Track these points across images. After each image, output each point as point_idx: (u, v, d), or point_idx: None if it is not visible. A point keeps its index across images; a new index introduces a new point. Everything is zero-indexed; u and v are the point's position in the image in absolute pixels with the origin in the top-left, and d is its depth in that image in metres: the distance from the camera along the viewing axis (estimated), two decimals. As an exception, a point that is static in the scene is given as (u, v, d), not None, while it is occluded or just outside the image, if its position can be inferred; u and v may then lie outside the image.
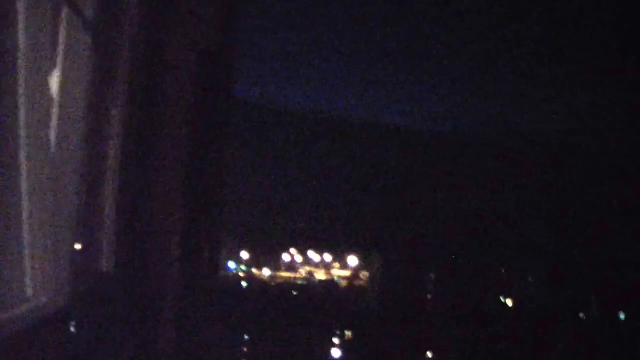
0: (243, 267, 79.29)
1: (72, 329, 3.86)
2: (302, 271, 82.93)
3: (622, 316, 56.10)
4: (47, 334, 3.58)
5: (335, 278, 79.29)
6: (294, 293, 67.79)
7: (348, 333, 58.79)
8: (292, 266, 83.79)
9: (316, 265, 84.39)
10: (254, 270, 79.86)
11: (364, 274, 76.24)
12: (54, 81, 3.74)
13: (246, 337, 56.86)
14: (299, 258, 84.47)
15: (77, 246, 3.96)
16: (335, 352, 57.20)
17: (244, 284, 71.43)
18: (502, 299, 61.75)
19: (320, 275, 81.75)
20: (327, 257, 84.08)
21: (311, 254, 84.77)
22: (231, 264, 76.51)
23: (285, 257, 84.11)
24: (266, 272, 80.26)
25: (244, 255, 79.69)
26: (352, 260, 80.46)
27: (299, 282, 76.95)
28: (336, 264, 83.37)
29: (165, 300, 5.58)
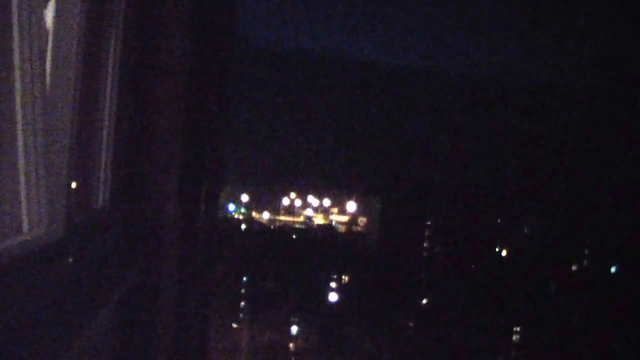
0: (243, 209, 79.45)
1: (68, 260, 3.91)
2: (302, 215, 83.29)
3: (613, 269, 56.67)
4: (42, 265, 3.62)
5: (334, 223, 79.70)
6: (293, 237, 68.18)
7: (345, 278, 59.37)
8: (291, 210, 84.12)
9: (315, 209, 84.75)
10: (253, 213, 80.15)
11: (362, 220, 76.63)
12: (49, 16, 3.72)
13: (245, 278, 57.41)
14: (298, 202, 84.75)
15: (73, 180, 3.99)
16: (333, 296, 57.81)
17: (243, 226, 71.79)
18: (497, 248, 62.23)
19: (319, 220, 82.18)
20: (327, 201, 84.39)
21: (311, 198, 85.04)
22: (231, 206, 76.64)
23: (285, 201, 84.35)
24: (266, 215, 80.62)
25: (244, 197, 79.77)
26: (351, 205, 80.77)
27: (298, 226, 77.31)
28: (335, 209, 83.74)
29: (164, 236, 5.63)
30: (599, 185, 66.79)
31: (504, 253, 62.34)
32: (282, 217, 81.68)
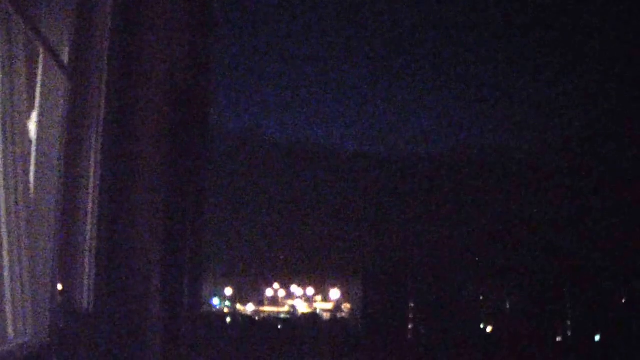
0: (227, 302, 79.19)
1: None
2: (286, 305, 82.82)
3: (597, 338, 56.43)
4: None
5: (319, 311, 79.19)
6: (279, 327, 67.54)
7: (333, 366, 58.59)
8: (275, 300, 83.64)
9: (299, 298, 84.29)
10: (238, 305, 79.70)
11: (346, 306, 76.26)
12: (32, 123, 3.82)
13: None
14: (282, 292, 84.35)
15: (57, 285, 4.02)
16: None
17: (228, 319, 71.17)
18: (482, 325, 61.90)
19: (303, 308, 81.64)
20: (310, 290, 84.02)
21: (294, 288, 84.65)
22: (215, 300, 76.48)
23: (269, 292, 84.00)
24: (250, 307, 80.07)
25: (228, 291, 79.68)
26: (335, 293, 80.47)
27: (283, 316, 76.77)
28: (319, 297, 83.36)
29: (148, 335, 5.62)
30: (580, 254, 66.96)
31: (489, 329, 61.95)
32: (267, 308, 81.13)
